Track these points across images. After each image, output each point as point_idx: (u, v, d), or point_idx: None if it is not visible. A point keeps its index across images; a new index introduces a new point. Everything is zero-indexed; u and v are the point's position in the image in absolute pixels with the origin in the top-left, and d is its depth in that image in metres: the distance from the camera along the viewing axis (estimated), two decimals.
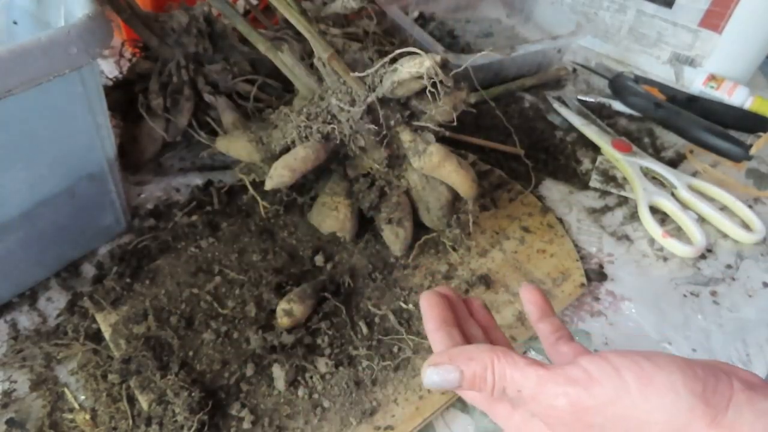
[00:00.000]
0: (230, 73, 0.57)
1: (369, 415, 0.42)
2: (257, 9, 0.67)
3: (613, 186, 0.65)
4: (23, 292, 0.48)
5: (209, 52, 0.56)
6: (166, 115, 0.56)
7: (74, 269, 0.50)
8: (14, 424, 0.40)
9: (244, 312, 0.46)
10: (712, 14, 0.77)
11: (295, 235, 0.53)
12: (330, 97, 0.47)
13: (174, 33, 0.55)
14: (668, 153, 0.72)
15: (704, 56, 0.81)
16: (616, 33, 0.87)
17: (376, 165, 0.51)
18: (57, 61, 0.36)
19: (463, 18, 0.88)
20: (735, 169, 0.70)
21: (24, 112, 0.38)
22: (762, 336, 0.52)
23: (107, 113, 0.45)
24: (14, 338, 0.45)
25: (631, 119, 0.76)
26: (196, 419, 0.39)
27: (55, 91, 0.39)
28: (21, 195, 0.42)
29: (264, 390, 0.42)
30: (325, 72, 0.47)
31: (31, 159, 0.41)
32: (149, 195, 0.57)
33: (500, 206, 0.60)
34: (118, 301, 0.47)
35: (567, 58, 0.85)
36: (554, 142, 0.70)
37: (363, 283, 0.50)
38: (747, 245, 0.60)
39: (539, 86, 0.79)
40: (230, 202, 0.56)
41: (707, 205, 0.62)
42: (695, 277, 0.57)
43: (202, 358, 0.43)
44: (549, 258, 0.55)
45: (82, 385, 0.42)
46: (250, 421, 0.40)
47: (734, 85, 0.78)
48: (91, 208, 0.48)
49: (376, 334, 0.46)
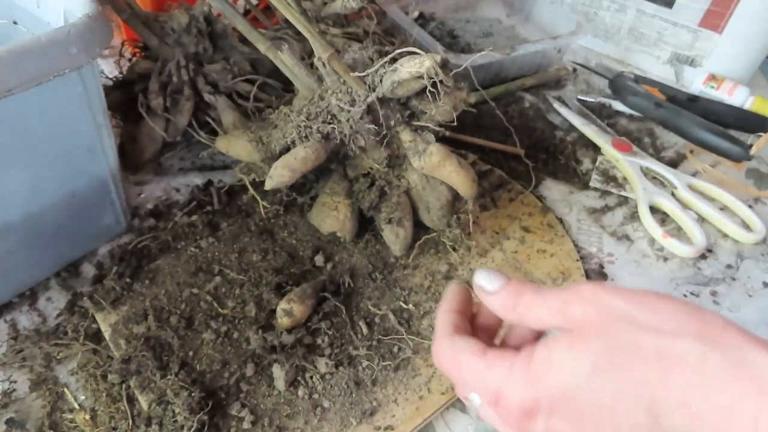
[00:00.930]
0: (230, 73, 0.57)
1: (369, 415, 0.42)
2: (257, 9, 0.67)
3: (613, 186, 0.65)
4: (23, 292, 0.48)
5: (209, 52, 0.56)
6: (166, 115, 0.56)
7: (74, 269, 0.50)
8: (14, 424, 0.40)
9: (244, 312, 0.46)
10: (712, 14, 0.77)
11: (295, 235, 0.53)
12: (330, 97, 0.47)
13: (174, 33, 0.55)
14: (668, 153, 0.72)
15: (704, 56, 0.81)
16: (616, 33, 0.87)
17: (377, 165, 0.51)
18: (57, 61, 0.36)
19: (463, 18, 0.88)
20: (735, 169, 0.70)
21: (24, 112, 0.38)
22: (762, 336, 0.52)
23: (107, 113, 0.45)
24: (14, 338, 0.45)
25: (631, 119, 0.76)
26: (196, 419, 0.39)
27: (55, 91, 0.39)
28: (21, 195, 0.42)
29: (264, 390, 0.42)
30: (325, 72, 0.47)
31: (31, 159, 0.41)
32: (149, 195, 0.57)
33: (500, 206, 0.60)
34: (118, 301, 0.47)
35: (567, 58, 0.85)
36: (554, 142, 0.70)
37: (363, 283, 0.50)
38: (747, 245, 0.60)
39: (539, 86, 0.79)
40: (230, 202, 0.56)
41: (707, 205, 0.62)
42: (695, 277, 0.57)
43: (202, 358, 0.43)
44: (549, 258, 0.55)
45: (82, 385, 0.42)
46: (250, 421, 0.40)
47: (734, 85, 0.78)
48: (91, 208, 0.48)
49: (376, 334, 0.46)
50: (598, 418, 0.24)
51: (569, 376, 0.25)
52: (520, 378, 0.26)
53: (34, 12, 0.46)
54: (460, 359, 0.28)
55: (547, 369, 0.25)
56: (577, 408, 0.25)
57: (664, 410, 0.22)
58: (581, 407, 0.24)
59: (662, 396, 0.22)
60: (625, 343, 0.24)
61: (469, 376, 0.28)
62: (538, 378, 0.25)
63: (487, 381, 0.27)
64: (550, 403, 0.25)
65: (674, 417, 0.22)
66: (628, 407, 0.23)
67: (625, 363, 0.24)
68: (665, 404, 0.22)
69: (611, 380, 0.24)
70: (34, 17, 0.46)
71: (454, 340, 0.29)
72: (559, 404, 0.25)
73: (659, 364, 0.23)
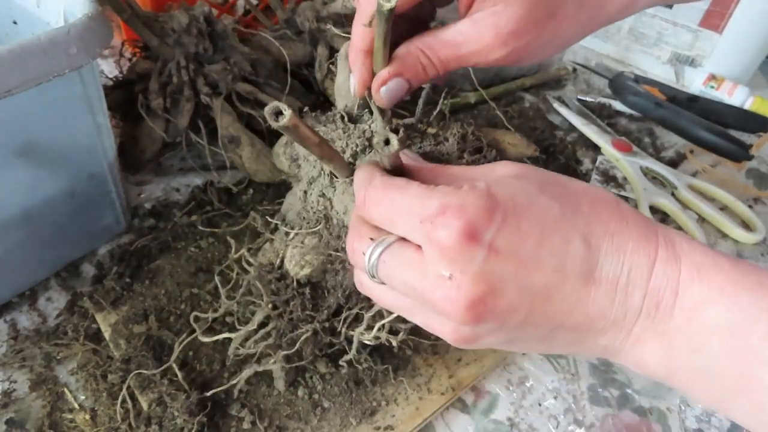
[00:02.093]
0: (230, 74, 0.57)
1: (369, 415, 0.42)
2: (257, 9, 0.67)
3: (613, 186, 0.65)
4: (23, 292, 0.48)
5: (209, 52, 0.56)
6: (166, 116, 0.56)
7: (74, 269, 0.50)
8: (14, 424, 0.40)
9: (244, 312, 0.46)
10: (712, 14, 0.77)
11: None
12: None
13: (174, 33, 0.55)
14: (668, 153, 0.72)
15: (704, 56, 0.81)
16: (616, 33, 0.87)
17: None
18: (57, 61, 0.36)
19: None
20: (735, 169, 0.70)
21: (24, 112, 0.38)
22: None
23: (107, 113, 0.45)
24: (14, 338, 0.45)
25: (631, 119, 0.76)
26: (195, 421, 0.39)
27: (55, 91, 0.39)
28: (21, 195, 0.42)
29: (264, 390, 0.42)
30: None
31: (31, 159, 0.41)
32: (149, 195, 0.57)
33: None
34: (118, 301, 0.47)
35: (567, 58, 0.85)
36: (554, 142, 0.70)
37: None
38: (747, 245, 0.60)
39: (539, 86, 0.79)
40: (230, 202, 0.56)
41: (707, 205, 0.62)
42: None
43: (202, 358, 0.43)
44: None
45: (82, 385, 0.42)
46: (250, 421, 0.40)
47: (734, 85, 0.78)
48: (91, 208, 0.48)
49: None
50: (540, 235, 0.26)
51: (520, 194, 0.26)
52: (474, 194, 0.26)
53: (34, 12, 0.46)
54: (396, 184, 0.28)
55: (498, 187, 0.26)
56: (525, 223, 0.26)
57: (595, 236, 0.26)
58: (529, 223, 0.26)
59: (593, 224, 0.27)
60: (559, 182, 0.28)
61: (407, 200, 0.27)
62: (491, 193, 0.26)
63: (430, 200, 0.26)
64: (503, 217, 0.25)
65: (603, 242, 0.26)
66: (567, 228, 0.26)
67: (563, 194, 0.27)
68: (596, 232, 0.26)
69: (556, 200, 0.27)
70: (34, 17, 0.46)
71: (388, 177, 0.29)
72: (510, 219, 0.25)
73: (587, 198, 0.28)
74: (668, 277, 0.26)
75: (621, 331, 0.27)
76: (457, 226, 0.25)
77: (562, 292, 0.26)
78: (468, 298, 0.25)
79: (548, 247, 0.26)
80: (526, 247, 0.25)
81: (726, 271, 0.26)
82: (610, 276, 0.26)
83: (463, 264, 0.25)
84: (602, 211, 0.27)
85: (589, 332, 0.27)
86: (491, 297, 0.25)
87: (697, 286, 0.25)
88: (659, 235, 0.27)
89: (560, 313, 0.26)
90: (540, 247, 0.26)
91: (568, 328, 0.27)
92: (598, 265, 0.26)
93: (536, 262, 0.25)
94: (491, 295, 0.25)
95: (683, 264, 0.26)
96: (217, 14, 0.62)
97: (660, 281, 0.26)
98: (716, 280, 0.25)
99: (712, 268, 0.26)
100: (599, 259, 0.26)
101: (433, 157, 0.41)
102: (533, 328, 0.27)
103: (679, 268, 0.26)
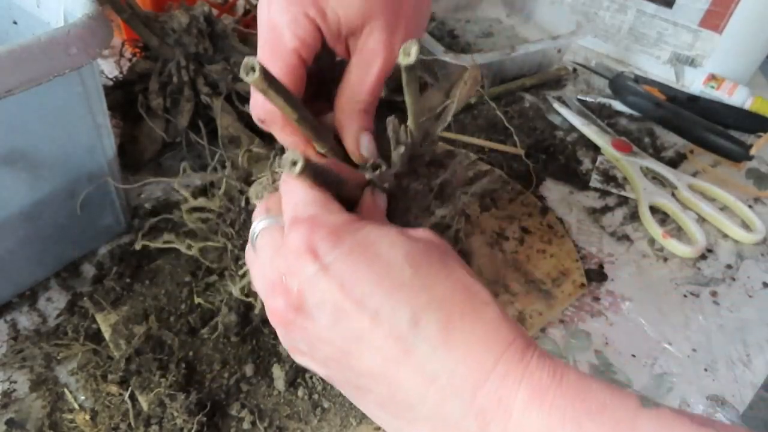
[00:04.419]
0: (230, 74, 0.57)
1: None
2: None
3: (613, 186, 0.65)
4: (23, 292, 0.48)
5: (209, 52, 0.56)
6: (166, 116, 0.56)
7: (74, 269, 0.50)
8: (14, 424, 0.40)
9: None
10: (712, 14, 0.77)
11: None
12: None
13: (174, 33, 0.55)
14: (668, 153, 0.72)
15: (704, 56, 0.81)
16: (616, 33, 0.87)
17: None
18: (57, 61, 0.36)
19: (463, 18, 0.88)
20: (735, 169, 0.70)
21: (24, 112, 0.38)
22: (762, 336, 0.52)
23: (107, 113, 0.45)
24: (14, 338, 0.45)
25: (631, 119, 0.76)
26: (195, 421, 0.39)
27: (55, 91, 0.39)
28: (21, 195, 0.42)
29: (264, 390, 0.42)
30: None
31: (31, 159, 0.41)
32: (149, 195, 0.57)
33: (500, 206, 0.60)
34: (118, 301, 0.47)
35: (567, 58, 0.85)
36: (554, 142, 0.70)
37: None
38: (747, 245, 0.60)
39: (539, 86, 0.79)
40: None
41: (707, 205, 0.62)
42: (695, 277, 0.57)
43: (202, 358, 0.43)
44: (549, 258, 0.55)
45: (82, 386, 0.42)
46: (250, 422, 0.40)
47: (734, 85, 0.78)
48: (91, 208, 0.48)
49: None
50: (375, 285, 0.25)
51: (386, 245, 0.26)
52: (341, 219, 0.27)
53: (34, 12, 0.46)
54: (311, 182, 0.29)
55: (374, 231, 0.26)
56: (369, 268, 0.25)
57: (429, 321, 0.24)
58: (372, 270, 0.25)
59: (435, 309, 0.24)
60: (445, 264, 0.26)
61: (301, 197, 0.28)
62: (356, 227, 0.26)
63: (311, 207, 0.27)
64: (350, 249, 0.25)
65: (434, 330, 0.24)
66: (406, 295, 0.25)
67: (431, 271, 0.26)
68: (433, 317, 0.24)
69: (414, 269, 0.25)
70: (34, 17, 0.46)
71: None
72: (356, 255, 0.25)
73: (450, 286, 0.25)
74: (500, 397, 0.23)
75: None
76: (306, 234, 0.26)
77: (372, 345, 0.24)
78: (285, 303, 0.26)
79: (378, 298, 0.24)
80: (358, 286, 0.25)
81: (571, 393, 0.23)
82: (426, 368, 0.24)
83: (295, 269, 0.26)
84: (457, 303, 0.25)
85: (398, 418, 0.26)
86: (301, 315, 0.26)
87: (536, 412, 0.22)
88: (511, 346, 0.24)
89: (368, 372, 0.25)
90: (370, 295, 0.24)
91: (377, 394, 0.26)
92: (417, 349, 0.24)
93: (360, 305, 0.24)
94: (302, 313, 0.26)
95: (523, 384, 0.23)
96: (217, 14, 0.62)
97: (489, 399, 0.23)
98: (559, 404, 0.22)
99: (557, 389, 0.23)
100: (419, 344, 0.24)
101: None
102: (347, 371, 0.26)
103: (518, 388, 0.23)
